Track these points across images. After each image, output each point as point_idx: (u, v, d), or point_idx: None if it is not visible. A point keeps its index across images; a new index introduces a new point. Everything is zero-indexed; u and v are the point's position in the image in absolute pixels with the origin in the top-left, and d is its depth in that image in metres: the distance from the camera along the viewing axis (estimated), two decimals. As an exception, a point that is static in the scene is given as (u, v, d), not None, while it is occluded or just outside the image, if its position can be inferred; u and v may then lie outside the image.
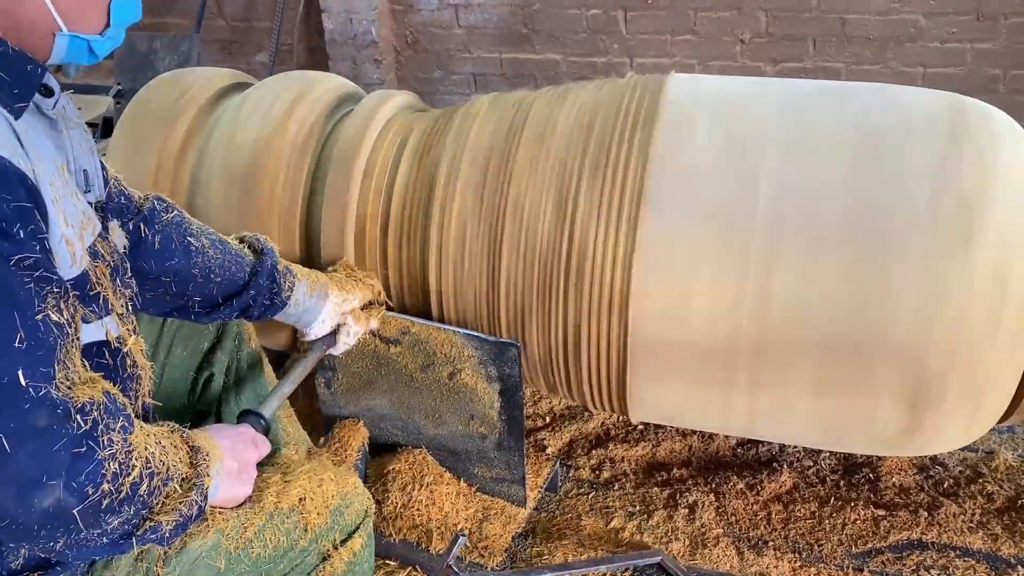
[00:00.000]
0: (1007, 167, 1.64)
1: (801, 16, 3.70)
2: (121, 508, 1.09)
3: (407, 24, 4.22)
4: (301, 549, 1.37)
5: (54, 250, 1.09)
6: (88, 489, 1.04)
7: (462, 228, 1.85)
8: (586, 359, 1.81)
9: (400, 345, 1.92)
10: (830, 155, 1.67)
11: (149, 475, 1.12)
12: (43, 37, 1.13)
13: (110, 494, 1.06)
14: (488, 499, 2.04)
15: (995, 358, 1.63)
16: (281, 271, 1.65)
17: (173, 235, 1.51)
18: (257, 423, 1.48)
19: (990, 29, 3.51)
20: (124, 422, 1.11)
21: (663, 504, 2.12)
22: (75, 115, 1.28)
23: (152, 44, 4.10)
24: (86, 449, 1.04)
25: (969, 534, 1.99)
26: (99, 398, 1.08)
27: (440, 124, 2.00)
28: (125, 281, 1.31)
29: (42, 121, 1.16)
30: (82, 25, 1.16)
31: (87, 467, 1.04)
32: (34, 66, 1.12)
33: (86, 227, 1.19)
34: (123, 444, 1.08)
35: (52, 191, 1.10)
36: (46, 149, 1.14)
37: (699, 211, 1.69)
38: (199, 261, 1.53)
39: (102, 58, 1.23)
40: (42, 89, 1.15)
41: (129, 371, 1.28)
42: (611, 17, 3.93)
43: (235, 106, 2.09)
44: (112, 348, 1.23)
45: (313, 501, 1.38)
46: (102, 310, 1.21)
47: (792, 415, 1.77)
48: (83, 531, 1.06)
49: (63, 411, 1.02)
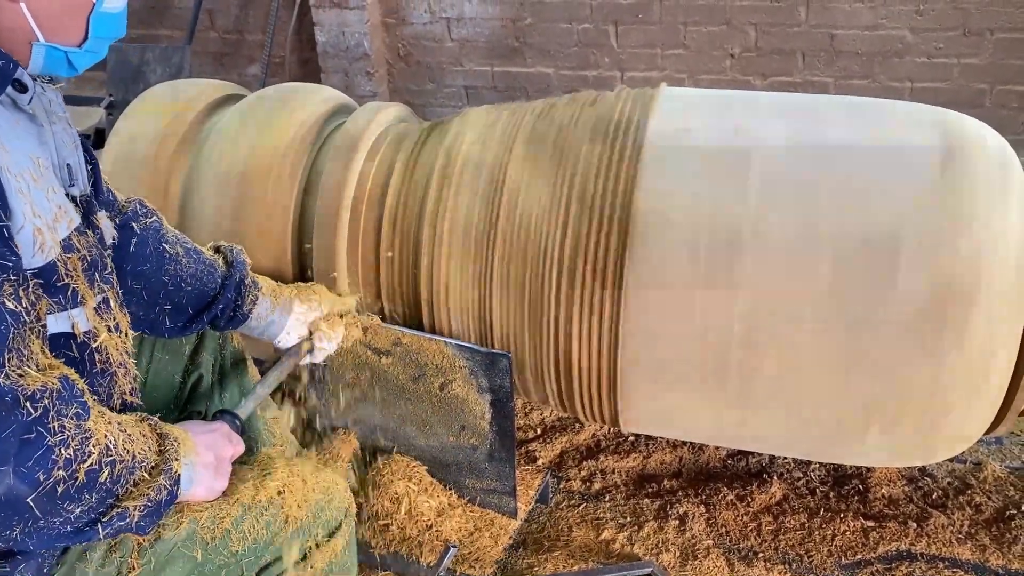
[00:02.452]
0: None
1: (790, 31, 3.73)
2: (80, 496, 1.09)
3: (399, 37, 4.24)
4: (282, 542, 1.37)
5: (15, 238, 1.09)
6: (39, 475, 1.04)
7: (454, 239, 1.86)
8: (577, 370, 1.82)
9: (391, 356, 1.92)
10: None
11: (110, 463, 1.12)
12: (20, 45, 1.14)
13: (64, 480, 1.07)
14: (479, 510, 2.04)
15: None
16: (247, 285, 1.66)
17: (149, 240, 1.52)
18: (232, 422, 1.48)
19: (976, 44, 3.54)
20: (78, 408, 1.10)
21: (654, 515, 2.12)
22: (61, 110, 1.28)
23: (144, 56, 4.10)
24: (35, 436, 1.04)
25: (958, 545, 2.00)
26: (53, 385, 1.08)
27: (432, 136, 2.01)
28: (105, 276, 1.30)
29: (18, 115, 1.17)
30: (60, 36, 1.17)
31: (35, 453, 1.04)
32: (5, 62, 1.12)
33: (60, 220, 1.18)
34: (76, 431, 1.09)
35: (18, 181, 1.10)
36: (19, 142, 1.14)
37: (688, 235, 1.69)
38: (171, 269, 1.54)
39: (82, 71, 1.23)
40: (15, 84, 1.15)
41: (100, 367, 1.27)
42: (602, 31, 3.96)
43: (228, 118, 2.10)
44: (79, 342, 1.23)
45: (293, 494, 1.38)
46: (69, 302, 1.20)
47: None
48: (41, 519, 1.07)
49: (11, 399, 1.03)
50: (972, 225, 1.60)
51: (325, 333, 1.78)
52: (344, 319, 1.84)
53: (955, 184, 1.62)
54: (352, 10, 4.09)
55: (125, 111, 2.20)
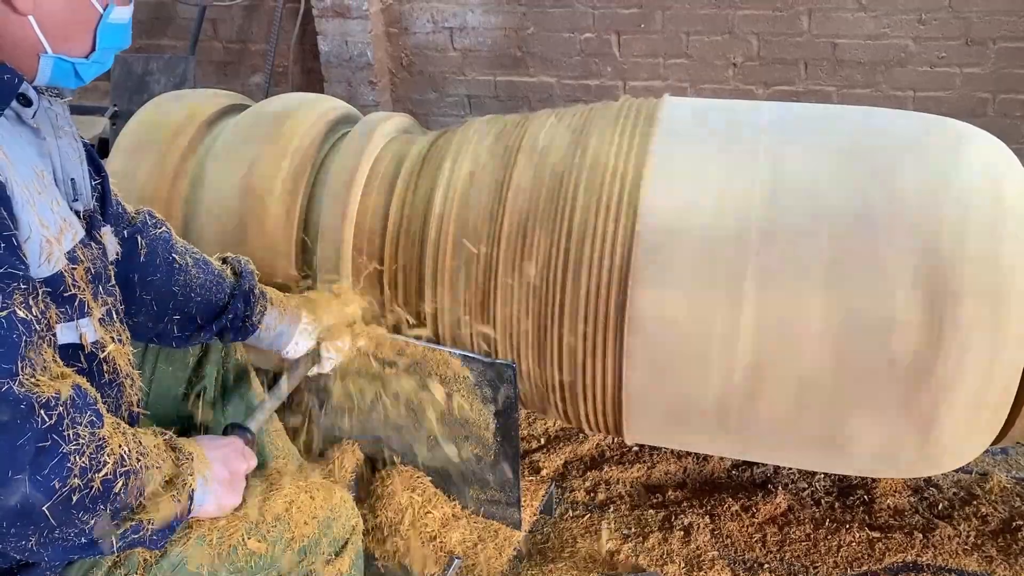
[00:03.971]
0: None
1: (793, 40, 3.73)
2: (96, 506, 1.09)
3: (402, 46, 4.25)
4: (288, 561, 1.36)
5: (24, 248, 1.09)
6: (55, 483, 1.03)
7: (458, 249, 1.86)
8: (581, 380, 1.81)
9: (396, 366, 1.91)
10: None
11: (124, 474, 1.12)
12: (28, 58, 1.14)
13: (80, 489, 1.06)
14: (483, 521, 2.03)
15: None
16: (256, 295, 1.65)
17: (159, 251, 1.52)
18: (244, 436, 1.48)
19: (979, 54, 3.55)
20: (92, 416, 1.10)
21: (658, 526, 2.11)
22: (67, 124, 1.28)
23: (148, 65, 4.11)
24: (51, 443, 1.04)
25: (964, 556, 1.99)
26: (66, 393, 1.07)
27: (436, 146, 2.01)
28: (108, 288, 1.30)
29: (23, 129, 1.17)
30: (68, 48, 1.17)
31: (51, 461, 1.04)
32: (11, 76, 1.12)
33: (65, 232, 1.18)
34: (91, 439, 1.08)
35: (25, 193, 1.10)
36: (24, 154, 1.14)
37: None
38: (180, 279, 1.53)
39: (88, 82, 1.23)
40: (20, 98, 1.15)
41: (108, 377, 1.27)
42: (604, 40, 3.96)
43: (231, 127, 2.10)
44: (87, 352, 1.22)
45: (300, 511, 1.38)
46: (76, 312, 1.20)
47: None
48: (56, 529, 1.06)
49: (27, 406, 1.02)
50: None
51: (332, 344, 1.77)
52: (350, 329, 1.84)
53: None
54: (355, 20, 4.10)
55: (129, 120, 2.21)
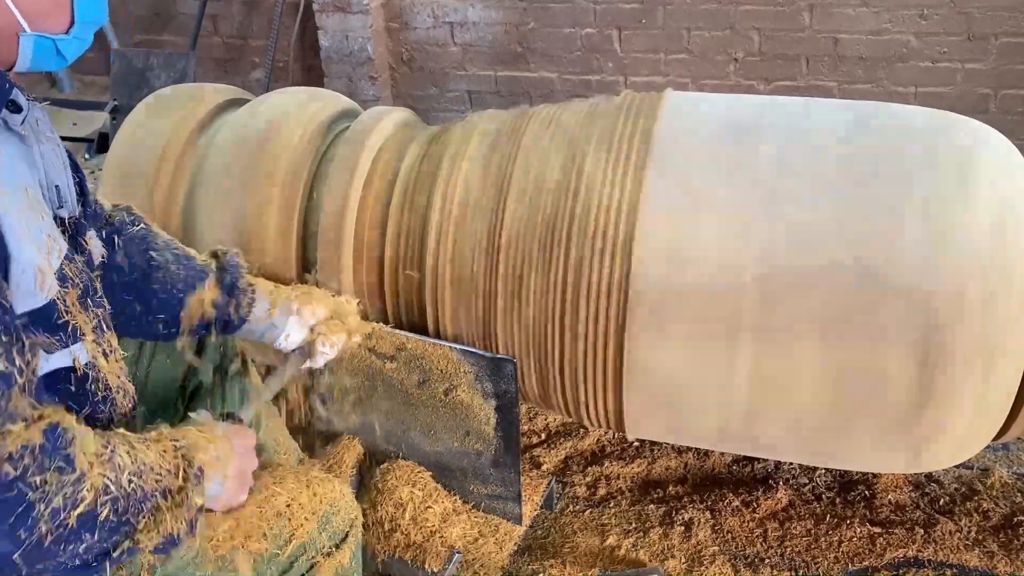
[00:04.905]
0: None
1: (794, 35, 3.73)
2: (80, 536, 1.07)
3: (402, 42, 4.24)
4: (288, 555, 1.36)
5: (14, 280, 1.07)
6: (20, 533, 1.02)
7: (459, 246, 1.86)
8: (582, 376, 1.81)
9: (396, 361, 1.91)
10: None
11: (109, 500, 1.10)
12: (7, 40, 1.12)
13: (51, 532, 1.04)
14: (483, 516, 2.03)
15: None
16: (241, 288, 1.62)
17: (136, 250, 1.50)
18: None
19: (980, 49, 3.54)
20: (61, 462, 1.06)
21: (659, 521, 2.11)
22: (48, 130, 1.25)
23: (148, 61, 4.11)
24: (15, 494, 1.01)
25: (965, 552, 1.99)
26: (37, 440, 1.04)
27: (437, 142, 2.01)
28: (96, 300, 1.28)
29: (11, 138, 1.14)
30: (46, 24, 1.15)
31: (16, 510, 1.02)
32: (0, 82, 1.11)
33: (52, 250, 1.15)
34: (61, 483, 1.05)
35: (19, 223, 1.07)
36: (12, 174, 1.12)
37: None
38: (159, 276, 1.51)
39: (71, 61, 1.21)
40: (10, 105, 1.13)
41: (101, 395, 1.25)
42: (605, 36, 3.96)
43: (232, 122, 2.10)
44: (80, 374, 1.20)
45: (301, 507, 1.37)
46: (70, 339, 1.18)
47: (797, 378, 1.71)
48: (37, 564, 1.05)
49: None
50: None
51: (327, 337, 1.75)
52: (346, 323, 1.83)
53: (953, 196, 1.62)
54: (355, 15, 4.09)
55: (129, 114, 2.20)
